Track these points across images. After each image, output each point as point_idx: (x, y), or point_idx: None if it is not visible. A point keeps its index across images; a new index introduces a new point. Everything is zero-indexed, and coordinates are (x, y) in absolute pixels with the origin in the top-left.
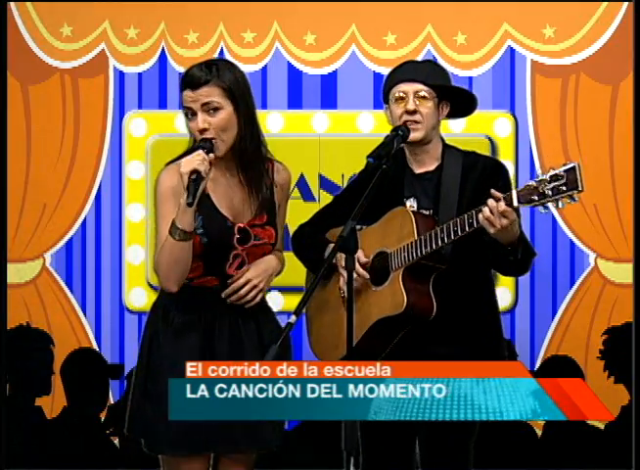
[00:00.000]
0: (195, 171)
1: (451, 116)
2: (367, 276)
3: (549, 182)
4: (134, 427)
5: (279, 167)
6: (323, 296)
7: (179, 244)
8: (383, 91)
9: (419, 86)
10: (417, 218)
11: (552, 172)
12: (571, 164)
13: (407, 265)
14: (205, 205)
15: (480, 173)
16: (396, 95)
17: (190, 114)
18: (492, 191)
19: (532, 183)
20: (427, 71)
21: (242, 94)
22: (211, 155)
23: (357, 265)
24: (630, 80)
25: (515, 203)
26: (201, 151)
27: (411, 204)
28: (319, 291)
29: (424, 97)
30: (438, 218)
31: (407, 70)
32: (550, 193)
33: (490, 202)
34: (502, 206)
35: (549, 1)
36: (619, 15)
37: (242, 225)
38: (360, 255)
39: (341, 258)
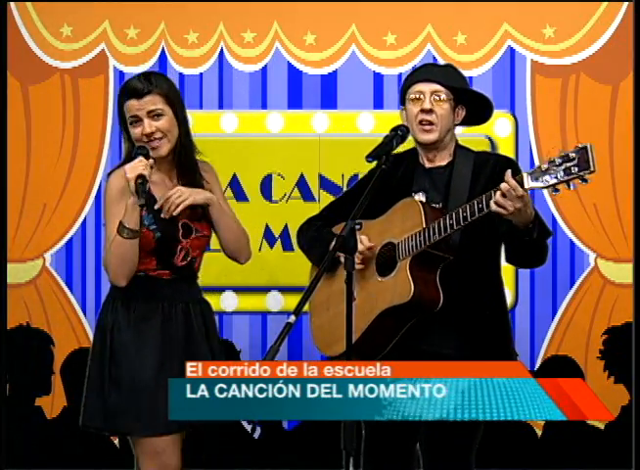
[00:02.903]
0: (140, 176)
1: (467, 122)
2: (370, 249)
3: (560, 164)
4: (94, 417)
5: (205, 167)
6: (328, 290)
7: (127, 242)
8: (400, 92)
9: (436, 87)
10: (425, 208)
11: (563, 153)
12: (583, 145)
13: (415, 254)
14: (152, 205)
15: (492, 169)
16: (413, 95)
17: (135, 121)
18: (506, 174)
19: (543, 165)
20: (445, 74)
21: (178, 100)
22: (151, 160)
23: (361, 246)
24: (630, 80)
25: (527, 184)
26: (141, 157)
27: (420, 198)
28: (324, 286)
29: (440, 98)
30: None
31: (425, 71)
32: (562, 174)
33: (503, 185)
34: (512, 182)
35: (549, 1)
36: (619, 15)
37: (184, 220)
38: (364, 239)
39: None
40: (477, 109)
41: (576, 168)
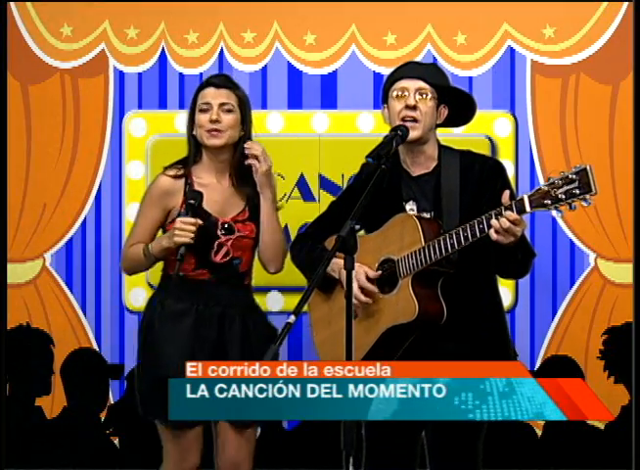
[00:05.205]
0: (184, 244)
1: (450, 123)
2: (375, 290)
3: (561, 186)
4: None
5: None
6: (327, 306)
7: (146, 259)
8: (382, 90)
9: (421, 84)
10: (422, 224)
11: (563, 175)
12: (582, 167)
13: (416, 272)
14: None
15: (479, 173)
16: (397, 91)
17: (205, 109)
18: (504, 199)
19: (544, 187)
20: (429, 71)
21: (249, 113)
22: (199, 220)
23: (364, 280)
24: (630, 80)
25: (527, 208)
26: (190, 218)
27: (411, 207)
28: (322, 302)
29: (425, 95)
30: (442, 222)
31: (410, 69)
32: (563, 197)
33: (507, 213)
34: (513, 215)
35: (549, 1)
36: (619, 15)
37: (226, 220)
38: (367, 269)
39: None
40: (459, 109)
41: (578, 191)
